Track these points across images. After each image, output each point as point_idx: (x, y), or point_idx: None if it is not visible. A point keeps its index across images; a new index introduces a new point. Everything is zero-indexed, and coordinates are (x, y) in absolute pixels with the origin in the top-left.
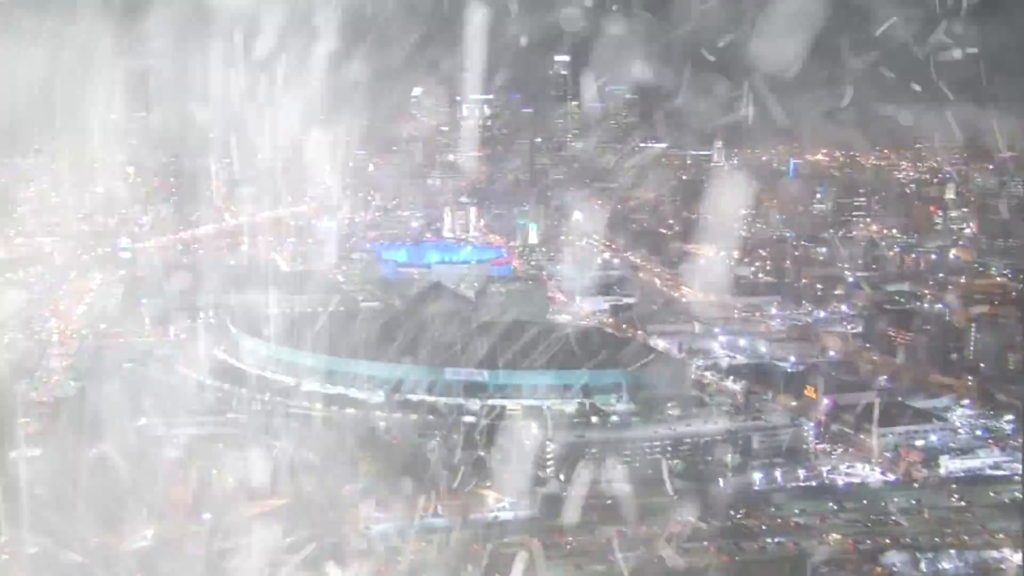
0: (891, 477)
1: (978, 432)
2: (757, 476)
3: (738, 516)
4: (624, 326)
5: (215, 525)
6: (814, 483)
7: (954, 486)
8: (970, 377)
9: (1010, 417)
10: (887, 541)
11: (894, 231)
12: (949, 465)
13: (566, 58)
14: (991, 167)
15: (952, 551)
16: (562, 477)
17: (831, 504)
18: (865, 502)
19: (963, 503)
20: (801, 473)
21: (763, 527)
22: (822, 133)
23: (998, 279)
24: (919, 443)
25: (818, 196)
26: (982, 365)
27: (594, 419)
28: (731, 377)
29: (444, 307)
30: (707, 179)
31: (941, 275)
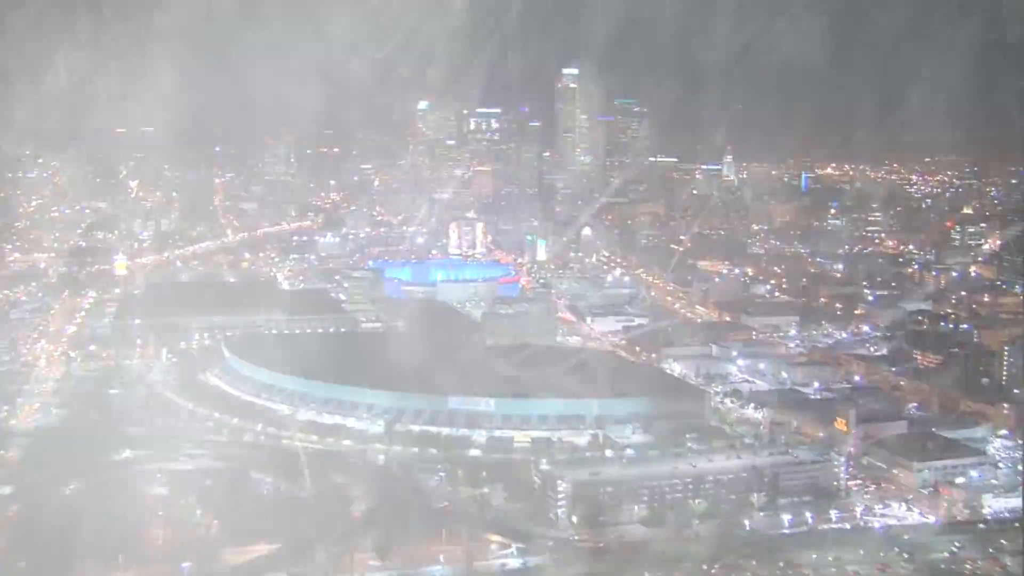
0: (931, 519)
1: (1020, 467)
2: (786, 517)
3: (774, 565)
4: (637, 348)
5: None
6: (848, 525)
7: (1000, 529)
8: (1005, 404)
9: None
10: None
11: (911, 247)
12: (992, 505)
13: (575, 71)
14: (1014, 181)
15: None
16: (574, 520)
17: (871, 551)
18: (908, 549)
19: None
20: (833, 514)
21: None
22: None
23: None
24: (959, 480)
25: (832, 211)
26: (1016, 391)
27: (608, 452)
28: (752, 405)
29: (449, 330)
30: (718, 193)
31: (963, 293)
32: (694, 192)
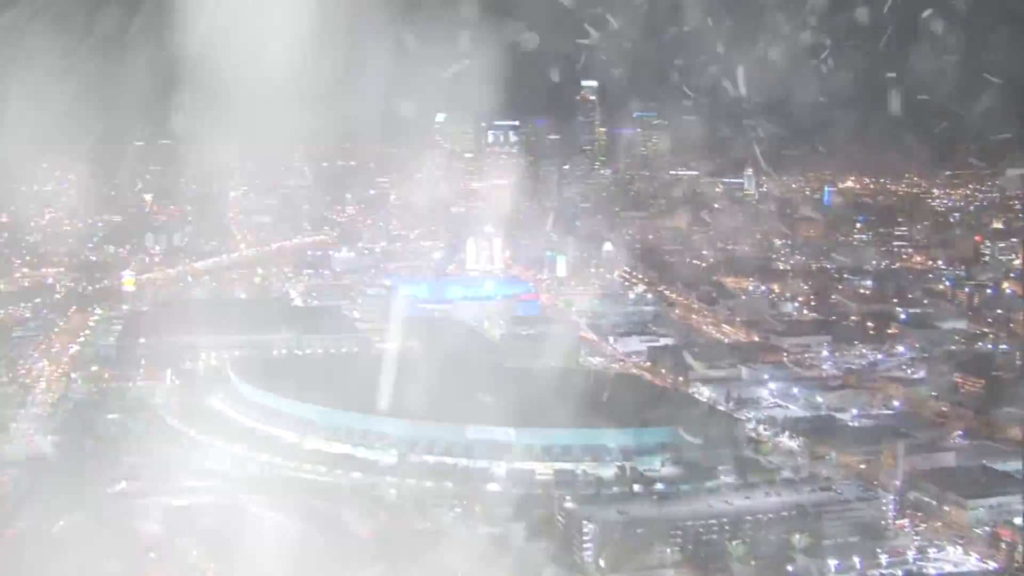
0: (991, 564)
1: None
2: (832, 561)
3: None
4: (663, 371)
5: None
6: (900, 572)
7: None
8: None
9: None
10: None
11: (939, 263)
12: None
13: (594, 83)
14: None
15: None
16: (602, 564)
17: None
18: None
19: None
20: (883, 558)
21: None
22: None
23: None
24: (1017, 520)
25: (858, 226)
26: None
27: (636, 487)
28: (787, 432)
29: (466, 351)
30: (740, 208)
31: (999, 311)
32: (716, 206)
